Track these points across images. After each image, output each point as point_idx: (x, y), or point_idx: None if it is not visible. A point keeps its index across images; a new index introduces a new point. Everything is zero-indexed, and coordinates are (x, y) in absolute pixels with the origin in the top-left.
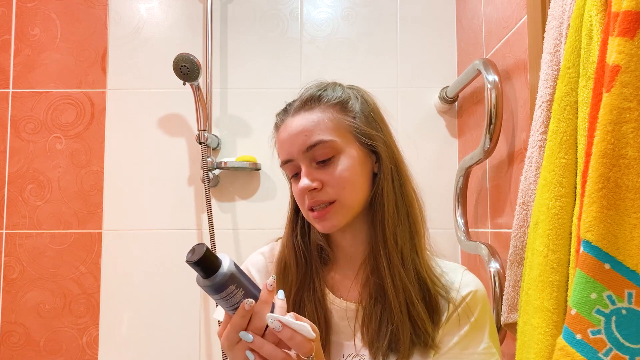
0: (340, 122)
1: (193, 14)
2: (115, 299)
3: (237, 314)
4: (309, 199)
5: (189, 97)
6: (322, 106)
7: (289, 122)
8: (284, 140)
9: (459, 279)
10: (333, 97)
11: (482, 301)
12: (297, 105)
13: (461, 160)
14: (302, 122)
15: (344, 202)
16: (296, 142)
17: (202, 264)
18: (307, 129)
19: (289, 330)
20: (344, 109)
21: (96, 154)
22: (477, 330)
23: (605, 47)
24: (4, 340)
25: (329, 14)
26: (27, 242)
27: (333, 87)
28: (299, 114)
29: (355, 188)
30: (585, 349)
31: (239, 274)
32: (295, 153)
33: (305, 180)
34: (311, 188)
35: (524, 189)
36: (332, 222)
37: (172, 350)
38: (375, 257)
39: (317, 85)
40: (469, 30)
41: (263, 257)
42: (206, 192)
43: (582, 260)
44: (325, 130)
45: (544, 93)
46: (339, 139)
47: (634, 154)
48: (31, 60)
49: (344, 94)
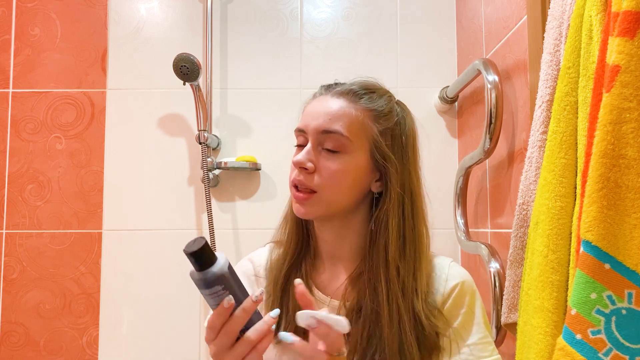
0: (365, 127)
1: (193, 14)
2: (115, 299)
3: (215, 311)
4: (297, 176)
5: (189, 97)
6: (359, 104)
7: (325, 98)
8: (309, 111)
9: (446, 272)
10: (374, 103)
11: (470, 292)
12: (340, 90)
13: (461, 160)
14: (333, 107)
15: (322, 197)
16: (317, 119)
17: (198, 256)
18: (333, 114)
19: (324, 327)
20: (377, 119)
21: (96, 154)
22: (469, 320)
23: (605, 47)
24: (4, 340)
25: (329, 14)
26: (27, 242)
27: (381, 95)
28: (336, 97)
29: (340, 190)
30: (585, 349)
31: (231, 277)
32: (311, 127)
33: (303, 156)
34: (303, 166)
35: (524, 189)
36: (307, 209)
37: (172, 350)
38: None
39: (367, 84)
40: (469, 30)
41: (251, 264)
42: (206, 192)
43: (582, 260)
44: (347, 125)
45: (544, 93)
46: (354, 141)
47: (634, 154)
48: (31, 60)
49: (387, 106)
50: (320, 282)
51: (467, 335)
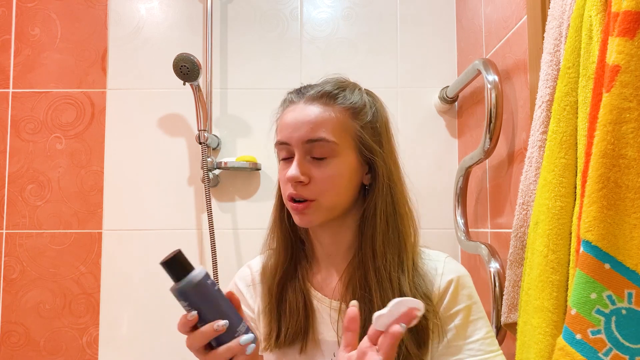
0: (347, 127)
1: (193, 14)
2: (115, 299)
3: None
4: (293, 189)
5: (189, 97)
6: (336, 106)
7: (300, 107)
8: (288, 123)
9: (441, 266)
10: (349, 100)
11: (468, 286)
12: (313, 94)
13: (461, 160)
14: (312, 114)
15: (322, 203)
16: (299, 130)
17: (171, 266)
18: (314, 122)
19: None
20: (356, 116)
21: (96, 154)
22: (472, 316)
23: (605, 47)
24: (4, 340)
25: (329, 14)
26: (27, 242)
27: (352, 90)
28: (312, 104)
29: (339, 193)
30: (585, 349)
31: (207, 291)
32: (294, 139)
33: (295, 170)
34: (298, 180)
35: (524, 189)
36: (310, 218)
37: (172, 350)
38: (364, 268)
39: (337, 82)
40: (469, 30)
41: (249, 270)
42: (206, 192)
43: (582, 260)
44: (330, 130)
45: (544, 93)
46: (341, 143)
47: (634, 154)
48: (31, 60)
49: (361, 100)
50: (317, 282)
51: (473, 331)
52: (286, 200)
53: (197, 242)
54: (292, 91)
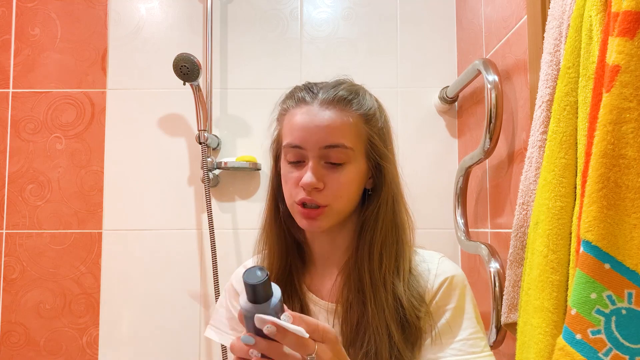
0: (361, 133)
1: (193, 14)
2: (115, 299)
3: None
4: (306, 195)
5: (189, 97)
6: (352, 111)
7: (315, 110)
8: (302, 125)
9: (435, 267)
10: (363, 106)
11: (460, 286)
12: (328, 98)
13: (461, 160)
14: (330, 119)
15: (335, 209)
16: (316, 134)
17: (256, 290)
18: (333, 128)
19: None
20: (369, 121)
21: (96, 154)
22: (459, 316)
23: (605, 47)
24: (4, 340)
25: (329, 14)
26: (27, 242)
27: (364, 95)
28: (328, 108)
29: (350, 199)
30: (585, 349)
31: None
32: (310, 144)
33: (311, 176)
34: (315, 186)
35: (524, 189)
36: (321, 224)
37: (172, 350)
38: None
39: (350, 87)
40: (469, 30)
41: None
42: (206, 192)
43: (582, 260)
44: (348, 136)
45: (544, 93)
46: (355, 149)
47: (634, 154)
48: (31, 60)
49: (373, 106)
50: (314, 285)
51: (457, 330)
52: (294, 204)
53: (197, 242)
54: (301, 88)
